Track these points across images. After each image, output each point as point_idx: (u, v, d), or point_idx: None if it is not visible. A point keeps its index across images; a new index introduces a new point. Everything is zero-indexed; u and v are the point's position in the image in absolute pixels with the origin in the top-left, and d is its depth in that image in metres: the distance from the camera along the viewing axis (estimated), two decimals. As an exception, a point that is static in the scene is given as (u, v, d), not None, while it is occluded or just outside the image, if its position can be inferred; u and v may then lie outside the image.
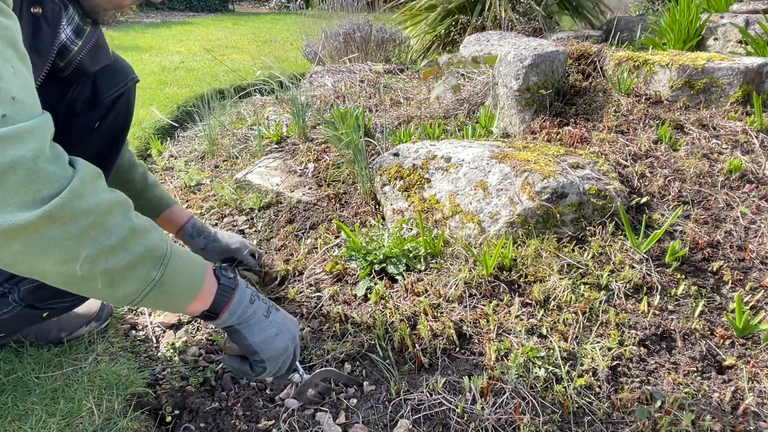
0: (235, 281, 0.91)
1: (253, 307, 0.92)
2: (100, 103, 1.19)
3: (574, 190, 1.38)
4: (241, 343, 0.93)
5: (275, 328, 0.95)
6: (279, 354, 0.95)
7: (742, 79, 1.75)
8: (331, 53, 3.91)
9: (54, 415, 1.01)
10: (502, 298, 1.26)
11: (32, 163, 0.64)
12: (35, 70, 0.95)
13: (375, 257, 1.39)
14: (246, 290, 0.92)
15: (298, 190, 1.81)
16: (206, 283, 0.86)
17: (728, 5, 3.06)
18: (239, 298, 0.90)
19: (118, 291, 0.74)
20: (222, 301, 0.88)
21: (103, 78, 1.18)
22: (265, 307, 0.95)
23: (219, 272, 0.90)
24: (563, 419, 1.01)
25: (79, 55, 1.06)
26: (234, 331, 0.92)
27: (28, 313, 1.10)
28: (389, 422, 1.03)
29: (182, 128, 2.97)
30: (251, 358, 0.94)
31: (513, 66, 1.88)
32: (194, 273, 0.84)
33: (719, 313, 1.22)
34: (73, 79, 1.11)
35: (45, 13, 0.92)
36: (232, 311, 0.89)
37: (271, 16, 11.15)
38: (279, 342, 0.94)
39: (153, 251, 0.75)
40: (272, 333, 0.94)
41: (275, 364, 0.95)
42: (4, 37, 0.67)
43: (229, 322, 0.90)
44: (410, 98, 2.47)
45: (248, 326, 0.92)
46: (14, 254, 0.65)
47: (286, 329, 0.97)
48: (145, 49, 5.84)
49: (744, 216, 1.43)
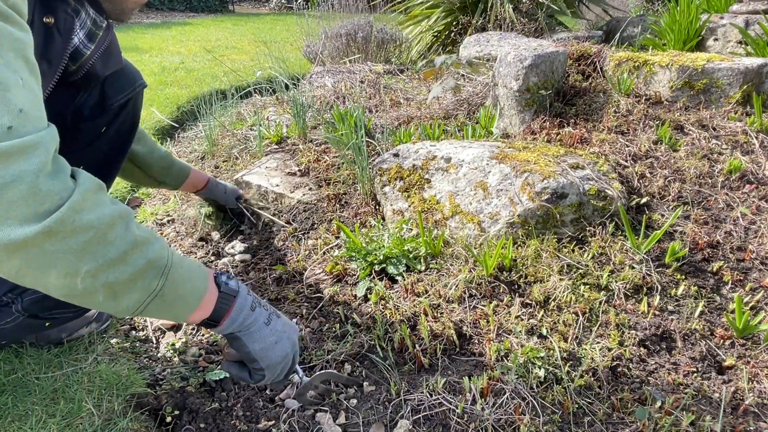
0: (236, 288, 0.91)
1: (254, 315, 0.92)
2: (108, 108, 1.20)
3: (574, 191, 1.38)
4: (241, 350, 0.93)
5: (275, 336, 0.94)
6: (278, 362, 0.95)
7: (742, 79, 1.75)
8: (332, 54, 3.91)
9: (54, 416, 1.01)
10: (502, 299, 1.26)
11: (34, 177, 0.63)
12: (45, 79, 0.95)
13: (375, 258, 1.39)
14: (247, 297, 0.92)
15: (298, 190, 1.81)
16: (208, 291, 0.86)
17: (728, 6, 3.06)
18: (240, 306, 0.90)
19: (120, 303, 0.74)
20: (222, 309, 0.88)
21: (111, 83, 1.19)
22: (266, 315, 0.94)
23: (220, 279, 0.90)
24: (563, 419, 1.01)
25: (91, 59, 1.06)
26: (234, 338, 0.92)
27: (31, 323, 1.11)
28: (389, 422, 1.03)
29: (182, 129, 2.98)
30: (251, 365, 0.94)
31: (513, 66, 1.88)
32: (196, 281, 0.84)
33: (719, 314, 1.22)
34: (83, 83, 1.11)
35: (57, 24, 0.92)
36: (233, 319, 0.89)
37: (271, 17, 11.16)
38: (279, 350, 0.94)
39: (155, 262, 0.75)
40: (272, 341, 0.93)
41: (274, 372, 0.95)
42: (16, 49, 0.67)
43: (230, 329, 0.90)
44: (410, 99, 2.47)
45: (249, 334, 0.91)
46: (17, 268, 0.66)
47: (285, 336, 0.96)
48: (146, 50, 5.84)
49: (744, 216, 1.43)
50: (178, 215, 1.97)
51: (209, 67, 4.78)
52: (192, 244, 1.78)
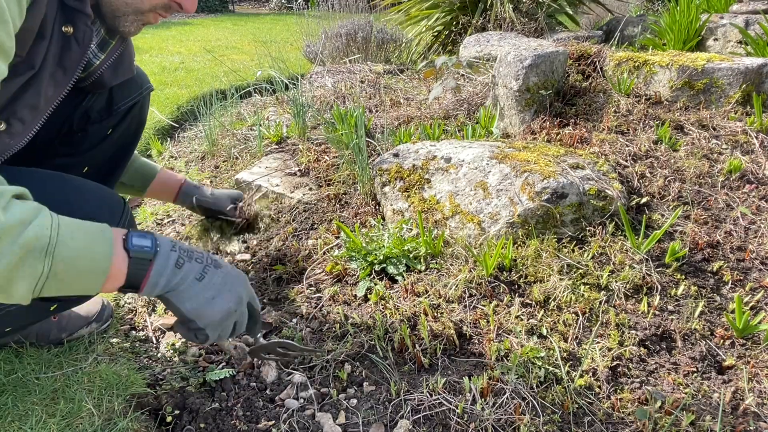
0: (151, 249, 0.84)
1: (181, 272, 0.85)
2: (115, 112, 1.20)
3: (574, 191, 1.38)
4: (175, 312, 0.88)
5: (212, 290, 0.88)
6: (220, 319, 0.89)
7: (742, 79, 1.75)
8: (332, 54, 3.91)
9: (54, 416, 1.01)
10: (502, 299, 1.26)
11: None
12: (59, 87, 0.95)
13: (375, 257, 1.39)
14: (170, 254, 0.85)
15: (298, 190, 1.81)
16: (115, 259, 0.80)
17: (728, 6, 3.06)
18: (160, 267, 0.84)
19: (12, 294, 0.71)
20: (139, 274, 0.82)
21: (119, 87, 1.19)
22: (198, 268, 0.88)
23: (130, 243, 0.83)
24: (563, 419, 1.01)
25: (100, 69, 1.06)
26: (164, 299, 0.86)
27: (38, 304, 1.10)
28: (389, 422, 1.03)
29: (182, 129, 2.98)
30: (189, 325, 0.89)
31: (513, 66, 1.88)
32: (96, 253, 0.79)
33: (719, 314, 1.22)
34: (90, 89, 1.12)
35: (76, 34, 0.91)
36: (153, 283, 0.83)
37: (271, 17, 11.16)
38: (218, 305, 0.88)
39: (32, 243, 0.70)
40: (208, 296, 0.87)
41: (216, 330, 0.89)
42: None
43: (154, 292, 0.84)
44: (410, 99, 2.47)
45: (177, 293, 0.85)
46: None
47: (226, 290, 0.90)
48: (146, 50, 5.84)
49: (744, 216, 1.43)
50: (178, 215, 1.97)
51: (209, 67, 4.78)
52: (191, 244, 1.78)
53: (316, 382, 1.15)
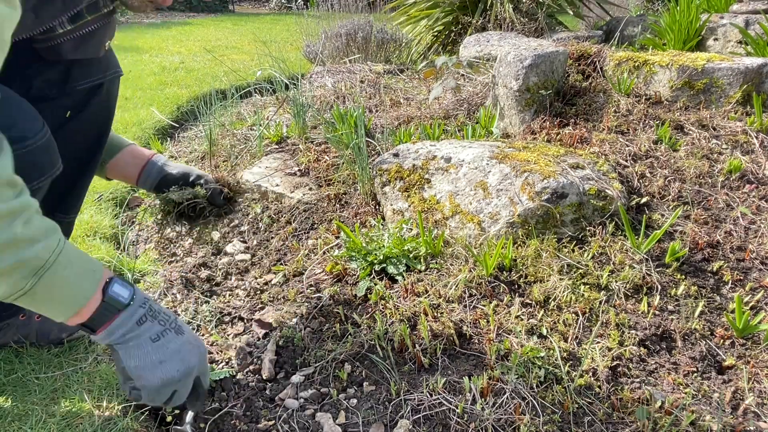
0: (125, 302, 0.86)
1: (139, 330, 0.86)
2: (71, 90, 1.12)
3: (574, 191, 1.38)
4: (117, 365, 0.89)
5: (162, 354, 0.87)
6: (158, 385, 0.88)
7: (742, 79, 1.75)
8: (332, 54, 3.92)
9: (54, 416, 1.01)
10: (502, 299, 1.26)
11: None
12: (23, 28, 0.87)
13: (375, 257, 1.39)
14: (137, 310, 0.87)
15: (298, 190, 1.81)
16: (92, 300, 0.83)
17: (728, 5, 3.06)
18: (124, 319, 0.86)
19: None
20: (101, 320, 0.84)
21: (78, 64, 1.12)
22: (157, 330, 0.88)
23: (110, 290, 0.85)
24: (563, 419, 1.01)
25: (60, 38, 1.01)
26: (113, 349, 0.88)
27: None
28: (389, 422, 1.03)
29: (182, 129, 2.98)
30: (127, 381, 0.89)
31: (513, 66, 1.88)
32: (79, 289, 0.82)
33: (719, 314, 1.22)
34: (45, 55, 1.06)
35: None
36: (110, 331, 0.85)
37: (271, 17, 11.16)
38: (161, 371, 0.87)
39: (28, 262, 0.74)
40: (155, 360, 0.87)
41: (151, 395, 0.89)
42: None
43: (107, 340, 0.86)
44: (410, 99, 2.47)
45: (126, 348, 0.86)
46: None
47: (177, 358, 0.89)
48: (145, 50, 5.84)
49: (744, 216, 1.43)
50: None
51: (209, 67, 4.78)
52: (191, 243, 1.78)
53: (316, 382, 1.15)
